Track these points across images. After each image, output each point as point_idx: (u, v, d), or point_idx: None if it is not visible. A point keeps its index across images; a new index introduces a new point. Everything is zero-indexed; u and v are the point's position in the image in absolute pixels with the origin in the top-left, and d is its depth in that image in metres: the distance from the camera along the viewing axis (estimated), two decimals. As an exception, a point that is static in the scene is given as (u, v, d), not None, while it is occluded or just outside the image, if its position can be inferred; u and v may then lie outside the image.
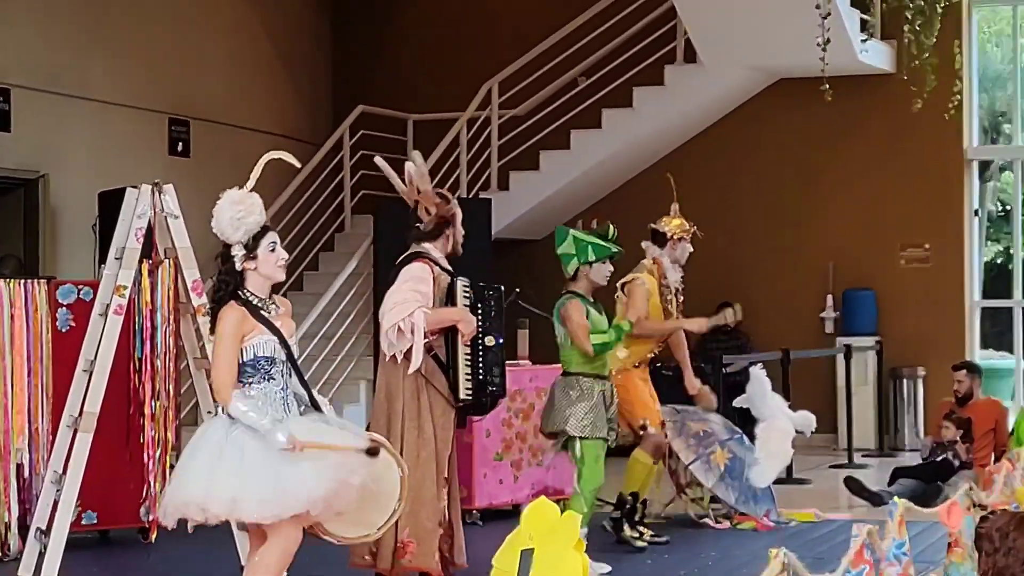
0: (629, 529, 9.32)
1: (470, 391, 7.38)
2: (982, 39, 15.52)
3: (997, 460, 9.09)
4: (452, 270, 7.46)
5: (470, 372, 7.36)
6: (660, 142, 15.05)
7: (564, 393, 8.56)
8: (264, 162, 6.20)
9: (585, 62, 15.19)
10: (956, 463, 11.45)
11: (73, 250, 13.08)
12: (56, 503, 7.81)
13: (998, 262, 15.95)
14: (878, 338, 14.68)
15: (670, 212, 9.68)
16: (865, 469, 13.06)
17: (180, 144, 14.45)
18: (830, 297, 15.01)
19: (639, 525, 9.43)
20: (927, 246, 14.84)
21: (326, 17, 16.65)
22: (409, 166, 7.51)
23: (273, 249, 6.07)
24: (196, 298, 7.91)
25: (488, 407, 7.66)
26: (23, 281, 9.07)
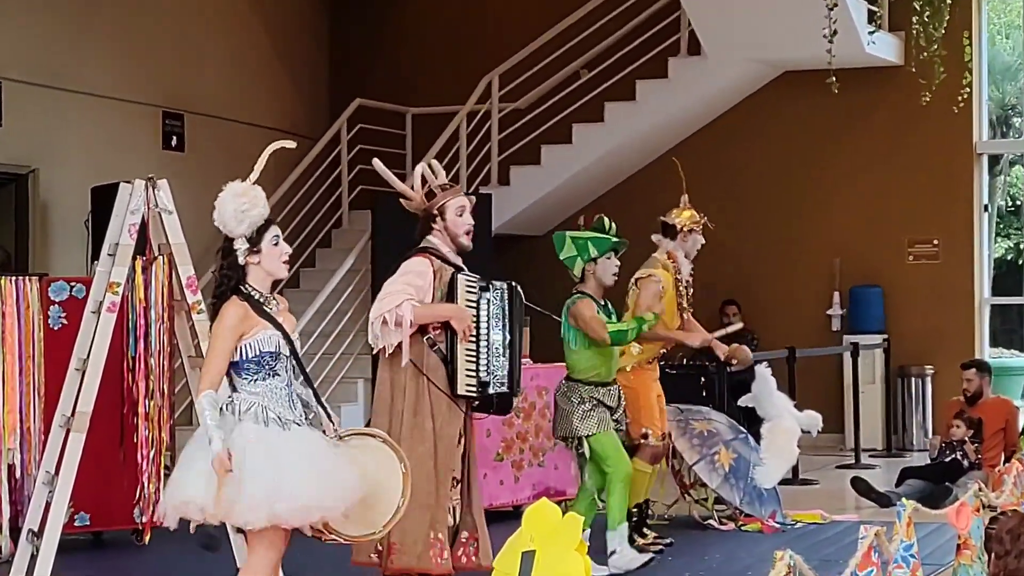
0: (641, 539, 9.28)
1: (472, 387, 7.25)
2: (992, 31, 15.65)
3: (1007, 460, 9.12)
4: (460, 265, 7.34)
5: (473, 369, 7.23)
6: (663, 136, 15.03)
7: (565, 399, 8.63)
8: (268, 153, 6.14)
9: (587, 54, 15.20)
10: (965, 463, 11.44)
11: (65, 246, 13.06)
12: (48, 504, 7.80)
13: (1008, 258, 16.12)
14: (885, 336, 14.68)
15: (680, 203, 9.59)
16: (872, 469, 13.05)
17: (174, 138, 14.44)
18: (836, 294, 14.99)
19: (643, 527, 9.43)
20: (935, 242, 14.84)
21: (324, 8, 16.66)
22: (420, 167, 7.45)
23: (277, 243, 6.00)
24: (191, 295, 7.90)
25: (496, 406, 7.50)
26: (15, 278, 9.04)
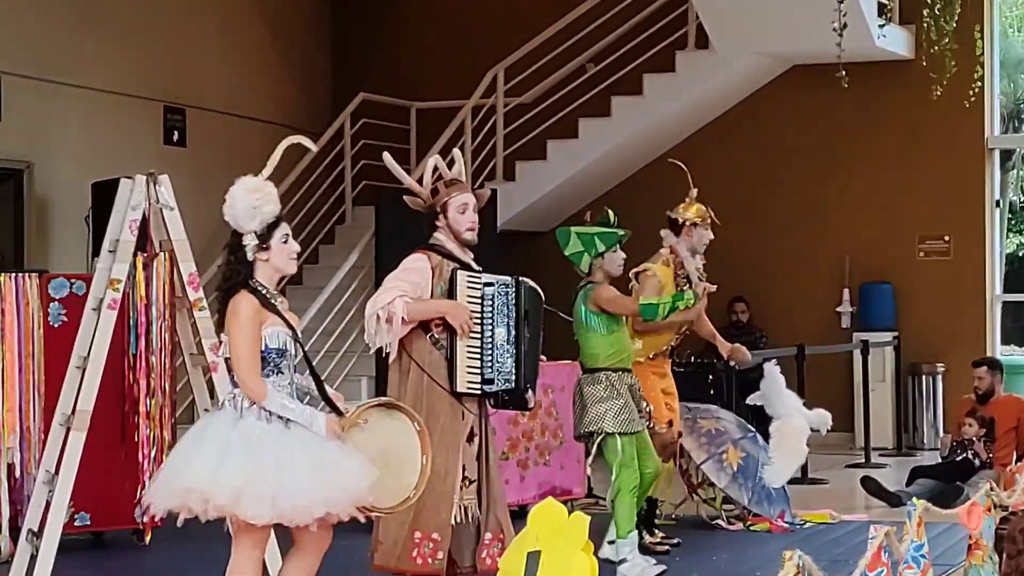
0: (649, 536, 9.25)
1: (475, 384, 7.12)
2: (1004, 24, 15.73)
3: (1019, 459, 9.15)
4: (468, 262, 7.23)
5: (475, 366, 7.11)
6: (671, 131, 15.00)
7: (592, 390, 8.48)
8: (282, 149, 6.14)
9: (594, 48, 15.14)
10: (976, 462, 11.42)
11: (65, 242, 13.04)
12: (48, 504, 7.82)
13: (1020, 255, 16.21)
14: (896, 333, 14.63)
15: (687, 198, 9.50)
16: (883, 469, 13.00)
17: (176, 133, 14.44)
18: (846, 291, 14.93)
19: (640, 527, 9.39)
20: (946, 238, 14.79)
21: (326, 2, 16.63)
22: (434, 160, 7.36)
23: (286, 240, 5.99)
24: (192, 292, 7.90)
25: (507, 402, 7.37)
26: (14, 274, 9.02)
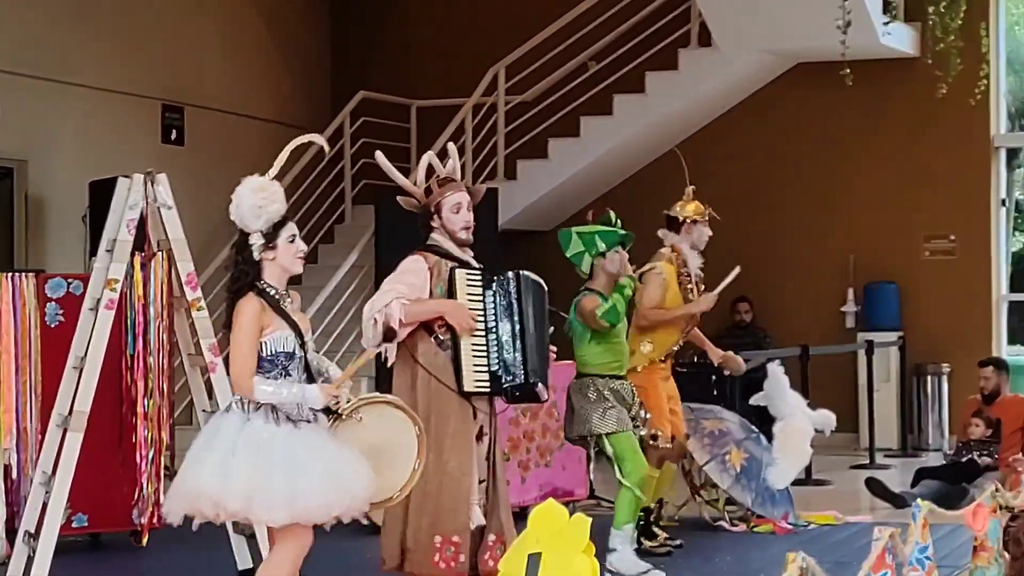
0: (648, 541, 9.22)
1: (483, 383, 7.06)
2: (1010, 21, 15.59)
3: None
4: (467, 260, 7.18)
5: (482, 364, 7.06)
6: (673, 129, 14.91)
7: (582, 395, 8.50)
8: (291, 149, 6.14)
9: (595, 46, 15.10)
10: (982, 463, 11.35)
11: (62, 242, 13.00)
12: (45, 505, 7.83)
13: None
14: (901, 333, 14.60)
15: (684, 196, 9.49)
16: (887, 470, 12.98)
17: (174, 132, 14.41)
18: (851, 291, 14.90)
19: (653, 527, 9.37)
20: (952, 237, 14.76)
21: (326, -1, 16.68)
22: (427, 157, 7.35)
23: (293, 240, 6.00)
24: (190, 292, 7.90)
25: (519, 397, 7.33)
26: (11, 274, 9.01)
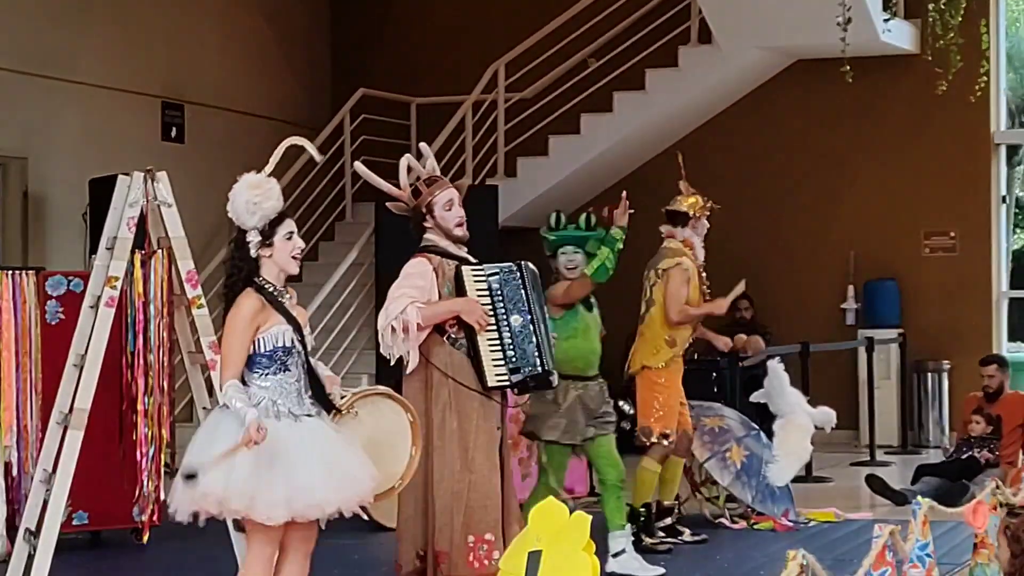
0: (649, 538, 9.20)
1: (503, 376, 7.08)
2: (1010, 18, 15.67)
3: None
4: (465, 257, 7.19)
5: (500, 358, 7.06)
6: (673, 126, 14.92)
7: (539, 395, 8.42)
8: (284, 147, 6.14)
9: (596, 43, 15.08)
10: (982, 460, 11.32)
11: (62, 239, 12.95)
12: (46, 503, 7.75)
13: None
14: (901, 330, 14.59)
15: (681, 191, 9.45)
16: (888, 467, 12.98)
17: (174, 129, 14.35)
18: (851, 288, 14.88)
19: (677, 525, 9.44)
20: (952, 234, 14.73)
21: (326, -4, 16.67)
22: (404, 160, 7.33)
23: (290, 237, 5.99)
24: (191, 290, 7.83)
25: (529, 387, 7.39)
26: (11, 272, 8.99)
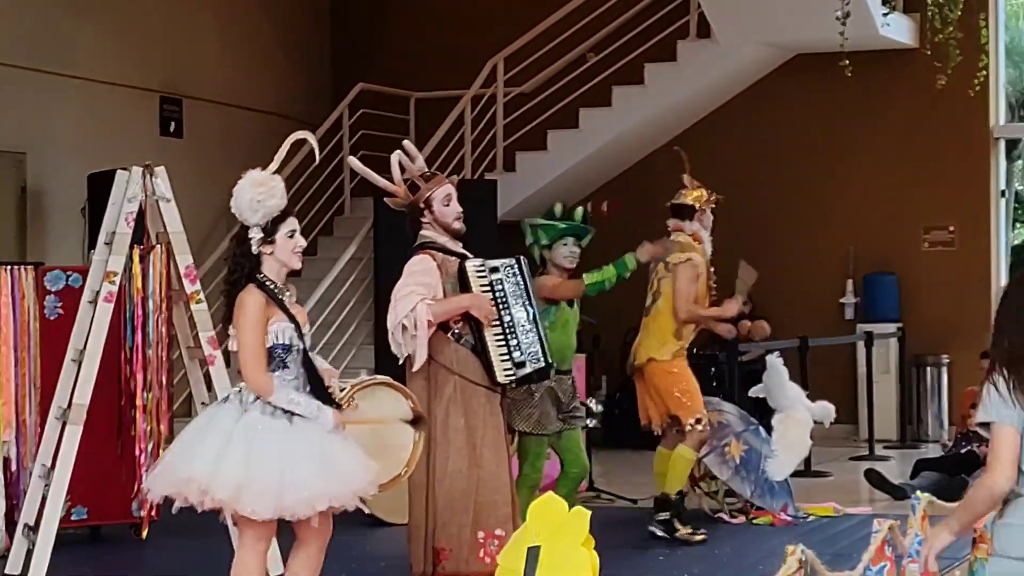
0: (682, 527, 9.22)
1: (510, 371, 7.10)
2: (1010, 12, 15.55)
3: None
4: (464, 252, 7.19)
5: (506, 353, 7.09)
6: (672, 120, 14.90)
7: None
8: (290, 142, 6.15)
9: (594, 37, 15.03)
10: (981, 454, 11.17)
11: (61, 234, 12.94)
12: (44, 498, 7.84)
13: None
14: (900, 325, 14.55)
15: (686, 185, 9.43)
16: (887, 461, 12.95)
17: (172, 124, 14.34)
18: (850, 282, 14.86)
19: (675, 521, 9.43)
20: (951, 229, 14.70)
21: (325, -9, 16.61)
22: (395, 156, 7.28)
23: (292, 235, 6.02)
24: (189, 285, 7.87)
25: (534, 381, 7.49)
26: (10, 267, 9.00)
